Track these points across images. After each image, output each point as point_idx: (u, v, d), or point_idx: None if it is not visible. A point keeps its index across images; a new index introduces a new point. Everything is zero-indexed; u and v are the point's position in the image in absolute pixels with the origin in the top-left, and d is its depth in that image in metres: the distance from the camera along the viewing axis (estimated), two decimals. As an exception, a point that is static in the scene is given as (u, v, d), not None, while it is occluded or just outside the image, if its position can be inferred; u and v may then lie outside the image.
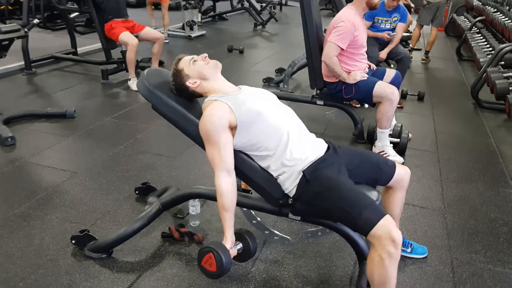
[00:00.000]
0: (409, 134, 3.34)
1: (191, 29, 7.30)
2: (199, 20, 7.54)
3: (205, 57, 1.75)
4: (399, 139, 3.15)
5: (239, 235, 1.72)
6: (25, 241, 2.08)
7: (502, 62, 4.26)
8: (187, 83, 1.74)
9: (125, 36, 4.32)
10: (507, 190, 2.73)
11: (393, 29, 4.48)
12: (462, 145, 3.42)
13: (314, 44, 3.14)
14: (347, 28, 2.89)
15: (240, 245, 1.73)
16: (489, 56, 4.74)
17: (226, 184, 1.63)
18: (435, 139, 3.53)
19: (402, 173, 1.83)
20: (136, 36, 4.45)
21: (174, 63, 1.78)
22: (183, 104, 1.78)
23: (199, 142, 1.76)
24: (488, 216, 2.44)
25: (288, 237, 2.02)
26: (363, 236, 1.85)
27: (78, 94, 4.28)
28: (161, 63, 5.24)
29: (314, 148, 1.70)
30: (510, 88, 3.58)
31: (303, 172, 1.61)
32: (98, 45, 5.85)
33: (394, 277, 1.46)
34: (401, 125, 3.27)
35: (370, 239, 1.46)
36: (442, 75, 5.68)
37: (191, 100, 1.84)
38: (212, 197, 2.03)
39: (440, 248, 2.14)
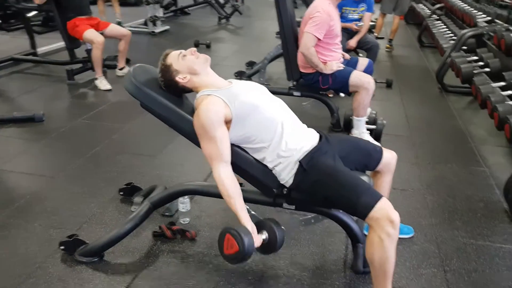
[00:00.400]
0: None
1: (154, 24, 7.16)
2: (162, 15, 7.41)
3: (194, 51, 1.74)
4: (375, 126, 3.23)
5: (263, 224, 1.62)
6: (9, 251, 2.00)
7: (465, 47, 4.45)
8: (177, 79, 1.72)
9: (90, 34, 4.19)
10: (479, 168, 2.87)
11: (360, 19, 4.57)
12: (432, 128, 3.56)
13: (290, 35, 3.17)
14: (323, 18, 2.93)
15: (265, 235, 1.61)
16: (452, 42, 4.93)
17: (226, 173, 1.62)
18: (407, 123, 3.66)
19: (389, 157, 1.89)
20: (102, 34, 4.33)
21: (161, 58, 1.76)
22: (172, 100, 1.76)
23: (192, 138, 1.75)
24: (464, 193, 2.56)
25: (283, 227, 2.04)
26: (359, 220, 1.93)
27: (43, 97, 4.11)
28: (127, 61, 5.12)
29: (308, 138, 1.73)
30: (474, 71, 3.75)
31: (299, 162, 1.64)
32: (59, 44, 5.68)
33: (393, 256, 1.51)
34: (376, 112, 3.36)
35: (369, 221, 1.51)
36: (407, 62, 5.86)
37: (180, 95, 1.82)
38: (204, 193, 2.05)
39: (424, 227, 2.23)
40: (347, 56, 3.43)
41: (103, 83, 4.27)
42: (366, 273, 1.85)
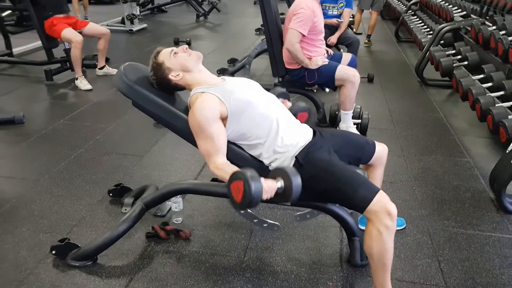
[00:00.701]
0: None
1: (132, 23, 7.06)
2: (138, 13, 7.30)
3: (186, 49, 1.71)
4: (360, 120, 3.27)
5: (277, 171, 1.51)
6: (-2, 257, 1.94)
7: (442, 41, 4.54)
8: (170, 76, 1.70)
9: (68, 33, 4.10)
10: (463, 159, 2.94)
11: (340, 15, 4.61)
12: (415, 121, 3.62)
13: (274, 32, 3.16)
14: (307, 15, 2.94)
15: (280, 182, 1.48)
16: (429, 36, 5.03)
17: (222, 160, 1.60)
18: (390, 117, 3.71)
19: (381, 150, 1.92)
20: (80, 33, 4.23)
21: (152, 56, 1.73)
22: (165, 98, 1.74)
23: (185, 135, 1.74)
24: (451, 184, 2.62)
25: (277, 223, 2.04)
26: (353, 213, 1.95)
27: (22, 98, 4.00)
28: (106, 60, 5.03)
29: (303, 133, 1.73)
30: (454, 65, 3.83)
31: (295, 157, 1.64)
32: (35, 44, 5.54)
33: (392, 248, 1.53)
34: (361, 106, 3.40)
35: (367, 214, 1.52)
36: (386, 57, 5.94)
37: (172, 93, 1.79)
38: (198, 191, 2.03)
39: (415, 218, 2.27)
40: (331, 51, 3.46)
41: (83, 83, 4.18)
42: (363, 266, 1.89)
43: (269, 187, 1.44)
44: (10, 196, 2.41)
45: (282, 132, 1.66)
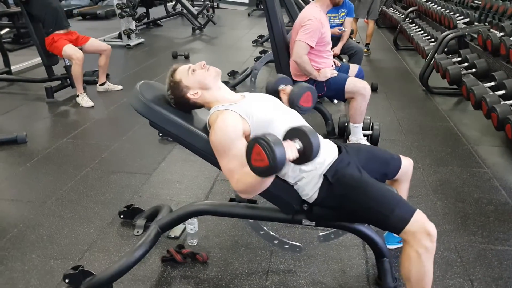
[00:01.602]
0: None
1: (129, 37, 6.99)
2: (134, 28, 7.24)
3: (203, 65, 1.64)
4: (371, 131, 3.20)
5: (295, 131, 1.37)
6: (8, 287, 1.83)
7: (446, 49, 4.51)
8: (188, 95, 1.62)
9: (69, 50, 4.02)
10: (480, 170, 2.87)
11: (341, 24, 4.57)
12: (426, 131, 3.56)
13: (281, 44, 3.10)
14: (315, 26, 2.88)
15: (299, 143, 1.35)
16: (432, 44, 5.00)
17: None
18: (399, 127, 3.65)
19: (407, 164, 1.84)
20: (81, 49, 4.16)
21: (169, 74, 1.65)
22: (183, 117, 1.65)
23: (205, 155, 1.65)
24: (472, 196, 2.54)
25: (299, 244, 1.95)
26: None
27: (23, 117, 3.90)
28: (106, 76, 4.95)
29: (329, 149, 1.65)
30: (462, 72, 3.79)
31: (324, 175, 1.56)
32: (33, 61, 5.46)
33: (431, 271, 1.45)
34: (370, 117, 3.33)
35: (404, 236, 1.44)
36: (386, 66, 5.91)
37: (190, 112, 1.72)
38: (217, 213, 1.94)
39: (440, 234, 2.17)
40: (338, 62, 3.40)
41: (84, 100, 4.09)
42: (394, 288, 1.80)
43: (290, 146, 1.31)
44: (16, 220, 2.30)
45: (308, 150, 1.58)
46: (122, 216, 2.30)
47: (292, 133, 1.37)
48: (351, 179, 1.55)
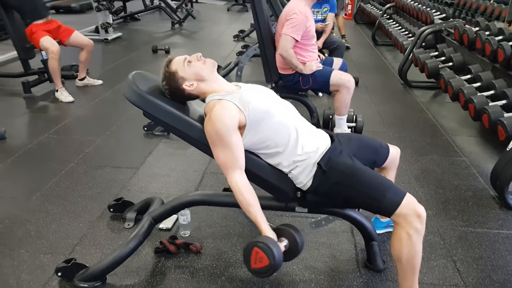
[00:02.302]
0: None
1: (106, 31, 6.88)
2: (111, 22, 7.13)
3: (200, 57, 1.65)
4: (355, 124, 3.27)
5: (281, 231, 1.57)
6: (-2, 283, 1.81)
7: (423, 44, 4.63)
8: (184, 86, 1.63)
9: (46, 42, 3.91)
10: (459, 158, 2.98)
11: (324, 20, 4.64)
12: (406, 123, 3.66)
13: (267, 38, 3.13)
14: (300, 20, 2.92)
15: (285, 241, 1.54)
16: (410, 39, 5.12)
17: (243, 181, 1.56)
18: (381, 119, 3.74)
19: (395, 152, 1.91)
20: (59, 42, 4.08)
21: (164, 65, 1.66)
22: (178, 107, 1.67)
23: (200, 145, 1.67)
24: (452, 183, 2.65)
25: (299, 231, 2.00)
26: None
27: (0, 113, 3.81)
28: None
29: (321, 139, 1.70)
30: (440, 66, 3.90)
31: (318, 163, 1.60)
32: (8, 55, 5.31)
33: (421, 251, 1.52)
34: (353, 110, 3.40)
35: (396, 218, 1.50)
36: (366, 61, 6.01)
37: (185, 102, 1.73)
38: (212, 202, 1.97)
39: (424, 219, 2.27)
40: (322, 56, 3.46)
41: (64, 95, 4.02)
42: (383, 271, 1.87)
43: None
44: (2, 216, 2.26)
45: (302, 139, 1.62)
46: (111, 209, 2.29)
47: (278, 233, 1.55)
48: (344, 166, 1.59)
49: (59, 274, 1.79)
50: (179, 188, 2.57)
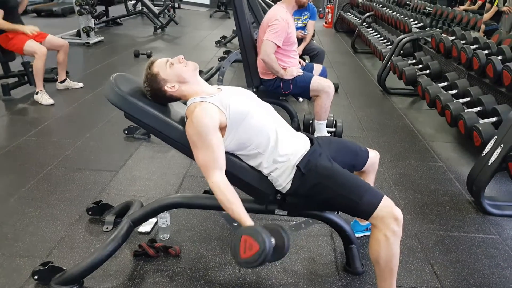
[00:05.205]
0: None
1: (88, 35, 6.81)
2: (93, 26, 7.07)
3: (181, 59, 1.66)
4: (334, 128, 3.31)
5: (269, 228, 1.48)
6: (-28, 286, 1.77)
7: (401, 52, 4.74)
8: (165, 88, 1.63)
9: (32, 45, 3.88)
10: (436, 163, 3.05)
11: (304, 27, 4.70)
12: (385, 128, 3.73)
13: (248, 43, 3.15)
14: (281, 26, 2.96)
15: (273, 240, 1.46)
16: (388, 47, 5.22)
17: (223, 179, 1.55)
18: (360, 125, 3.79)
19: (374, 156, 1.94)
20: (39, 45, 4.03)
21: (146, 66, 1.66)
22: (159, 109, 1.67)
23: (181, 147, 1.67)
24: (429, 188, 2.70)
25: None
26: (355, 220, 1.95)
27: (-23, 115, 3.73)
28: (66, 73, 4.82)
29: (301, 141, 1.72)
30: (417, 73, 3.99)
31: (297, 166, 1.62)
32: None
33: (398, 253, 1.54)
34: (333, 115, 3.44)
35: (373, 220, 1.53)
36: (345, 68, 6.10)
37: (166, 104, 1.73)
38: (192, 205, 1.96)
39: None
40: (303, 62, 3.50)
41: (44, 98, 3.96)
42: (362, 274, 1.89)
43: None
44: (-23, 219, 2.22)
45: (281, 141, 1.64)
46: (90, 212, 2.26)
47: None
48: (322, 169, 1.62)
49: (36, 277, 1.76)
50: (159, 191, 2.56)
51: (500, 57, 2.98)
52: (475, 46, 3.42)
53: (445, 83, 3.54)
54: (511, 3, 4.24)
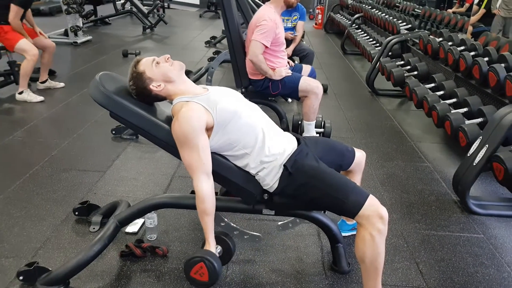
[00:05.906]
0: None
1: (76, 35, 6.76)
2: (81, 25, 7.01)
3: (168, 58, 1.65)
4: (323, 129, 3.33)
5: (216, 238, 1.69)
6: (-45, 288, 1.75)
7: (390, 53, 4.77)
8: (151, 87, 1.63)
9: (26, 44, 3.85)
10: (423, 164, 3.08)
11: (294, 28, 4.71)
12: (373, 129, 3.75)
13: (237, 43, 3.15)
14: (270, 26, 2.96)
15: (219, 248, 1.71)
16: (377, 48, 5.26)
17: (207, 188, 1.57)
18: (348, 126, 3.82)
19: (360, 156, 1.96)
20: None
21: (132, 65, 1.65)
22: (145, 108, 1.66)
23: (167, 147, 1.67)
24: (416, 188, 2.73)
25: (259, 234, 2.01)
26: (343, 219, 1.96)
27: (-39, 114, 3.68)
28: (52, 73, 4.78)
29: (288, 141, 1.72)
30: (405, 75, 4.03)
31: (284, 165, 1.62)
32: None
33: (383, 252, 1.55)
34: (322, 116, 3.46)
35: (359, 219, 1.54)
36: (335, 69, 6.14)
37: (152, 104, 1.72)
38: (179, 205, 1.96)
39: (388, 222, 2.31)
40: (292, 63, 3.51)
41: (32, 96, 3.94)
42: (348, 273, 1.90)
43: None
44: (-40, 220, 2.18)
45: (268, 141, 1.65)
46: (76, 213, 2.24)
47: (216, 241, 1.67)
48: (309, 168, 1.62)
49: (21, 278, 1.74)
50: (146, 191, 2.54)
51: (486, 59, 3.02)
52: (462, 47, 3.46)
53: (433, 84, 3.57)
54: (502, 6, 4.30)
